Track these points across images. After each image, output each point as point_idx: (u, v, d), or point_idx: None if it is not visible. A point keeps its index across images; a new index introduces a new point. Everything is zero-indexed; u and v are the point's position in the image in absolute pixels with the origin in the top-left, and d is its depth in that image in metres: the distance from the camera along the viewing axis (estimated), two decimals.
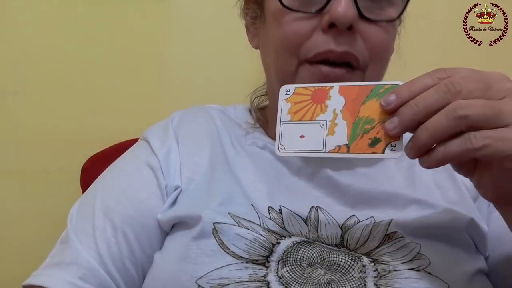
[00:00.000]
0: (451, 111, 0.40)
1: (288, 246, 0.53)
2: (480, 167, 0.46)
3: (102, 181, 0.63)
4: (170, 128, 0.65)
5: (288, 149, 0.49)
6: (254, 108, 0.70)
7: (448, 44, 0.98)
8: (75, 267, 0.54)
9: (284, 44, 0.57)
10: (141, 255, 0.57)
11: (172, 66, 0.99)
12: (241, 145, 0.64)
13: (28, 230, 0.96)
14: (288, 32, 0.56)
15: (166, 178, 0.60)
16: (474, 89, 0.41)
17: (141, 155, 0.63)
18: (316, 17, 0.55)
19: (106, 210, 0.58)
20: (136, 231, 0.57)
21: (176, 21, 0.99)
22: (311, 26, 0.55)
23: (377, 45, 0.56)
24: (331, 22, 0.53)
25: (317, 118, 0.48)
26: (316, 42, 0.55)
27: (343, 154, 0.46)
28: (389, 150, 0.44)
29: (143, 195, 0.59)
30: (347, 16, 0.52)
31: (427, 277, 0.50)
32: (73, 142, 0.96)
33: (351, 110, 0.47)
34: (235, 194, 0.58)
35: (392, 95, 0.44)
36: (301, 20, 0.55)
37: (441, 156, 0.41)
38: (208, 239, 0.53)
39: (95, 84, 0.97)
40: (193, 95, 0.99)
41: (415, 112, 0.42)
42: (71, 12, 0.97)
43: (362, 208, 0.57)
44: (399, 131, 0.43)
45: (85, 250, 0.55)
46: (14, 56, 0.95)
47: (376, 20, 0.55)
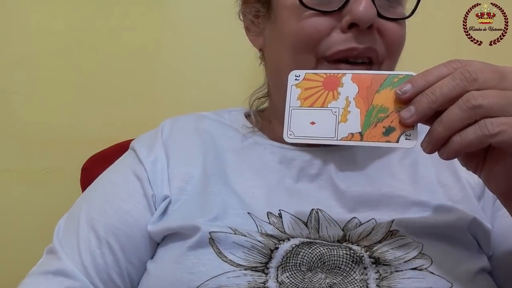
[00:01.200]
0: (465, 101, 0.40)
1: (287, 251, 0.52)
2: (491, 159, 0.45)
3: (89, 192, 0.63)
4: (159, 136, 0.64)
5: (297, 135, 0.48)
6: (253, 111, 0.69)
7: (448, 44, 0.98)
8: (61, 277, 0.54)
9: (302, 40, 0.56)
10: (127, 266, 0.58)
11: (172, 66, 0.99)
12: (237, 151, 0.63)
13: (28, 230, 0.96)
14: (307, 27, 0.56)
15: (153, 187, 0.60)
16: (489, 78, 0.41)
17: (128, 165, 0.63)
18: (334, 17, 0.56)
19: (91, 221, 0.58)
20: (121, 241, 0.57)
21: (175, 22, 0.99)
22: (330, 25, 0.56)
23: (393, 41, 0.58)
24: (351, 23, 0.54)
25: (329, 105, 0.47)
26: (336, 40, 0.56)
27: (356, 142, 0.46)
28: (404, 139, 0.44)
29: (129, 206, 0.59)
30: (368, 15, 0.53)
31: (430, 276, 0.50)
32: (73, 142, 0.96)
33: (365, 98, 0.46)
34: (230, 206, 0.57)
35: (408, 84, 0.44)
36: (320, 17, 0.56)
37: (458, 145, 0.41)
38: (205, 249, 0.52)
39: (95, 84, 0.97)
40: (192, 95, 0.98)
41: (432, 100, 0.42)
42: (71, 12, 0.96)
43: (363, 210, 0.57)
44: (416, 119, 0.43)
45: (71, 261, 0.55)
46: (14, 56, 0.95)
47: (392, 18, 0.57)
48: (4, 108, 0.96)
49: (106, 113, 0.97)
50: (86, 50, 0.97)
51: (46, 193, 0.96)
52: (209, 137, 0.65)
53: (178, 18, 0.99)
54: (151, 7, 0.98)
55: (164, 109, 0.96)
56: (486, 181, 0.47)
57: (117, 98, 0.98)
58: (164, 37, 0.99)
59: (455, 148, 0.42)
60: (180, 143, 0.64)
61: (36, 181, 0.96)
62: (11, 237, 0.97)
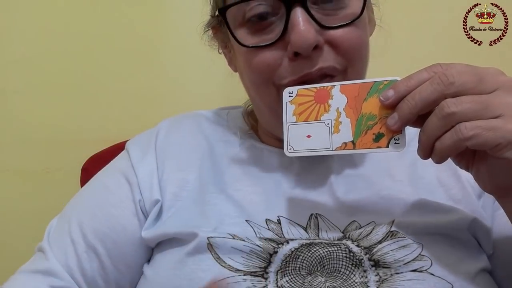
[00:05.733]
0: (440, 110, 0.42)
1: (286, 255, 0.51)
2: (477, 159, 0.47)
3: (82, 194, 0.64)
4: (153, 140, 0.64)
5: (296, 149, 0.50)
6: (247, 114, 0.69)
7: (448, 44, 0.98)
8: (50, 277, 0.55)
9: (257, 76, 0.56)
10: (113, 271, 0.58)
11: (171, 66, 0.99)
12: (234, 156, 0.63)
13: (28, 230, 0.96)
14: (257, 64, 0.55)
15: (142, 193, 0.59)
16: (466, 81, 0.42)
17: (120, 168, 0.63)
18: (280, 47, 0.54)
19: (80, 224, 0.58)
20: (107, 247, 0.58)
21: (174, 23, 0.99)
22: (277, 55, 0.54)
23: (348, 47, 0.54)
24: (294, 52, 0.53)
25: (322, 117, 0.50)
26: (287, 70, 0.54)
27: (349, 150, 0.48)
28: (394, 144, 0.46)
29: (117, 211, 0.59)
30: (306, 42, 0.51)
31: (430, 278, 0.50)
32: (73, 142, 0.96)
33: (354, 108, 0.48)
34: (228, 215, 0.57)
35: (390, 90, 0.46)
36: (266, 52, 0.54)
37: (439, 151, 0.44)
38: (203, 254, 0.52)
39: (95, 84, 0.97)
40: (192, 95, 0.98)
41: (412, 106, 0.44)
42: (71, 12, 0.96)
43: (363, 213, 0.57)
44: (400, 125, 0.45)
45: (58, 262, 0.56)
46: (14, 56, 0.95)
47: (339, 25, 0.53)
48: (4, 108, 0.96)
49: (106, 113, 0.97)
50: (86, 50, 0.97)
51: (46, 193, 0.96)
52: (206, 143, 0.64)
53: (177, 19, 0.98)
54: (150, 8, 0.98)
55: (163, 110, 0.96)
56: (476, 180, 0.49)
57: (117, 98, 0.98)
58: (163, 38, 0.99)
59: (438, 153, 0.44)
60: (176, 147, 0.63)
61: (36, 181, 0.97)
62: (11, 237, 0.97)
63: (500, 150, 0.41)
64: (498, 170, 0.46)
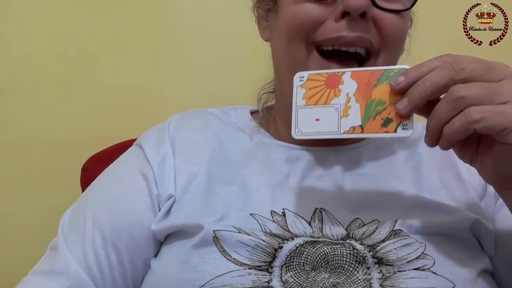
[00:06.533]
0: (449, 94, 0.44)
1: (291, 250, 0.52)
2: (482, 149, 0.48)
3: (95, 189, 0.63)
4: (166, 133, 0.64)
5: (304, 131, 0.51)
6: (261, 106, 0.70)
7: (448, 44, 0.98)
8: (64, 277, 0.54)
9: (295, 27, 0.58)
10: (130, 266, 0.57)
11: (172, 66, 0.99)
12: (243, 151, 0.63)
13: (28, 230, 0.96)
14: (300, 13, 0.57)
15: (159, 187, 0.60)
16: (476, 69, 0.44)
17: (135, 163, 0.62)
18: (330, 6, 0.57)
19: (96, 220, 0.57)
20: (125, 242, 0.57)
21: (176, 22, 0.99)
22: (323, 13, 0.57)
23: (389, 32, 0.58)
24: (344, 11, 0.55)
25: (332, 101, 0.50)
26: (327, 29, 0.57)
27: (357, 134, 0.49)
28: (401, 129, 0.47)
29: (134, 206, 0.59)
30: (359, 3, 0.54)
31: (432, 276, 0.50)
32: (73, 142, 0.96)
33: (364, 93, 0.49)
34: (233, 207, 0.57)
35: (401, 76, 0.47)
36: (314, 5, 0.57)
37: (448, 135, 0.45)
38: (209, 247, 0.52)
39: (95, 84, 0.97)
40: (193, 95, 0.99)
41: (422, 90, 0.45)
42: (71, 12, 0.97)
43: (367, 211, 0.57)
44: (409, 110, 0.46)
45: (75, 260, 0.55)
46: (14, 56, 0.96)
47: (389, 9, 0.57)
48: (4, 108, 0.96)
49: (106, 113, 0.97)
50: (86, 50, 0.97)
51: (46, 193, 0.96)
52: (215, 139, 0.64)
53: (179, 18, 0.99)
54: (152, 7, 0.98)
55: (164, 109, 0.96)
56: (480, 171, 0.49)
57: (117, 98, 0.98)
58: (165, 37, 0.99)
59: (446, 137, 0.45)
60: (187, 141, 0.64)
61: (36, 181, 0.96)
62: (11, 237, 0.97)
63: (507, 135, 0.42)
64: (503, 159, 0.46)
